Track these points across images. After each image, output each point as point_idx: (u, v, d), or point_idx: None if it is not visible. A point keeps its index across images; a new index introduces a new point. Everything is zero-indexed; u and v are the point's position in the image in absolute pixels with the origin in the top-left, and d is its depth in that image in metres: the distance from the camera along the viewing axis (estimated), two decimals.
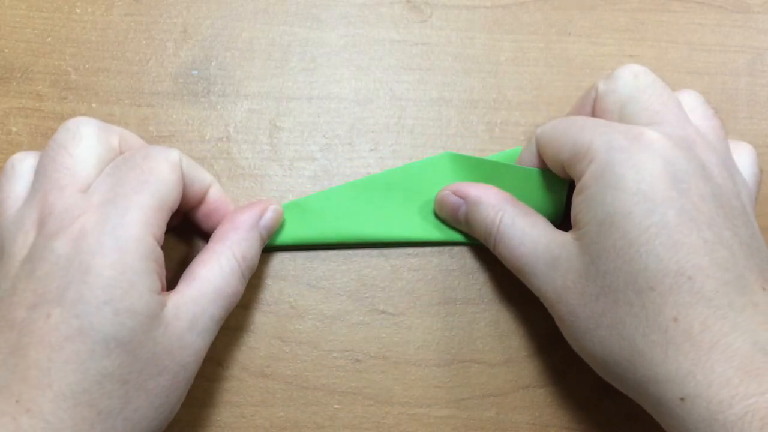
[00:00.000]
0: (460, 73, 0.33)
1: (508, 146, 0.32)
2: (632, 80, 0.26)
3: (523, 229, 0.27)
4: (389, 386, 0.29)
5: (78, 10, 0.33)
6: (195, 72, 0.33)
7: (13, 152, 0.31)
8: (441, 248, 0.31)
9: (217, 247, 0.26)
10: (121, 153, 0.26)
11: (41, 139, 0.31)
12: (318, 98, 0.33)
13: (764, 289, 0.23)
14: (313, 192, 0.31)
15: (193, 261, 0.26)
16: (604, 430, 0.30)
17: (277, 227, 0.29)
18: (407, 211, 0.31)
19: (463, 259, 0.31)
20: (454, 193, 0.29)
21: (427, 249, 0.31)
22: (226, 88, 0.33)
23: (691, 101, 0.27)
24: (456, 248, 0.31)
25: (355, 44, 0.34)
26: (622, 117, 0.26)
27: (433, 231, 0.31)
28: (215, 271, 0.25)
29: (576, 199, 0.25)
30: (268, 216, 0.28)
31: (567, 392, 0.30)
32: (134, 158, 0.25)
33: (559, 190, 0.29)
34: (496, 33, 0.34)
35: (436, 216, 0.31)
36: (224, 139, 0.32)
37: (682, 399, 0.22)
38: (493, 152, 0.32)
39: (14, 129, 0.32)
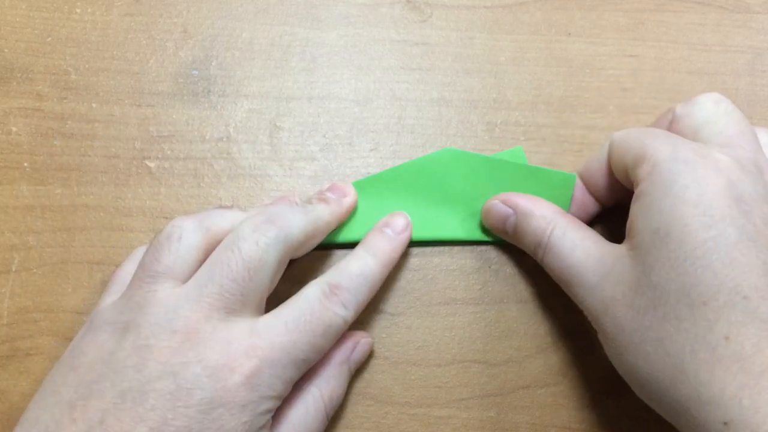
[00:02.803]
0: (460, 73, 0.33)
1: (508, 146, 0.32)
2: (711, 106, 0.26)
3: (573, 241, 0.26)
4: (389, 386, 0.29)
5: (78, 10, 0.33)
6: (195, 72, 0.33)
7: (13, 152, 0.31)
8: (441, 248, 0.31)
9: (305, 386, 0.27)
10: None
11: (41, 139, 0.31)
12: (318, 98, 0.33)
13: None
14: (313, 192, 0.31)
15: (286, 398, 0.26)
16: (604, 431, 0.30)
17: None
18: (411, 210, 0.31)
19: (463, 259, 0.31)
20: (504, 203, 0.29)
21: (427, 249, 0.31)
22: (226, 88, 0.32)
23: (766, 138, 0.27)
24: (456, 248, 0.31)
25: (355, 44, 0.34)
26: (696, 139, 0.26)
27: (435, 229, 0.31)
28: (301, 414, 0.26)
29: (633, 206, 0.25)
30: (360, 350, 0.28)
31: (567, 392, 0.30)
32: (233, 272, 0.24)
33: (564, 189, 0.29)
34: (496, 33, 0.34)
35: (437, 215, 0.31)
36: (224, 139, 0.32)
37: (725, 423, 0.20)
38: (493, 152, 0.32)
39: (14, 129, 0.32)
